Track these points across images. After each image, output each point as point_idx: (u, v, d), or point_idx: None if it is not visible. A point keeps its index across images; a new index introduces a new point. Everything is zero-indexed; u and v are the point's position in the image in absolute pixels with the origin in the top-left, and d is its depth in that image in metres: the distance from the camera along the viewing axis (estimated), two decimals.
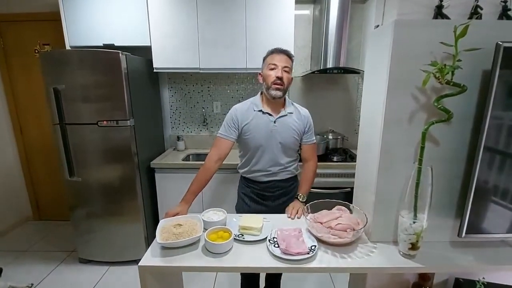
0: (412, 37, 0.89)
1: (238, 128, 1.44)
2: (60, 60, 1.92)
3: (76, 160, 2.06)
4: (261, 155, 1.46)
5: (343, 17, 2.19)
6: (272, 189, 1.52)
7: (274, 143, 1.44)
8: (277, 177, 1.50)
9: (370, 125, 1.07)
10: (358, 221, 1.07)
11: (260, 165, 1.48)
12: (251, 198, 1.55)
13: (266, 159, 1.46)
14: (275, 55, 1.39)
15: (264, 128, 1.43)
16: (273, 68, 1.37)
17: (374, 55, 1.04)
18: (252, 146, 1.45)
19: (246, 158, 1.51)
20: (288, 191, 1.56)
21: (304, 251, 0.96)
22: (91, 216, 2.17)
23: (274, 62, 1.37)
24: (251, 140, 1.44)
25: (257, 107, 1.45)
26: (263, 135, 1.43)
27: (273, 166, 1.48)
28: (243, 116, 1.44)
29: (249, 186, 1.55)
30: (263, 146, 1.44)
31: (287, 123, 1.45)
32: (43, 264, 2.29)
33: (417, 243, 0.94)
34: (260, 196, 1.54)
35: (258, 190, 1.53)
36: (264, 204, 1.54)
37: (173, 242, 0.96)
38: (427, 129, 0.88)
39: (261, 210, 1.51)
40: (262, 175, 1.49)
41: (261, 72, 1.46)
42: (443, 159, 0.97)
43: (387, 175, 1.00)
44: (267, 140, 1.43)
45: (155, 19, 2.17)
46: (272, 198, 1.54)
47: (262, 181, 1.50)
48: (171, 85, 2.65)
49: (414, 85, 0.93)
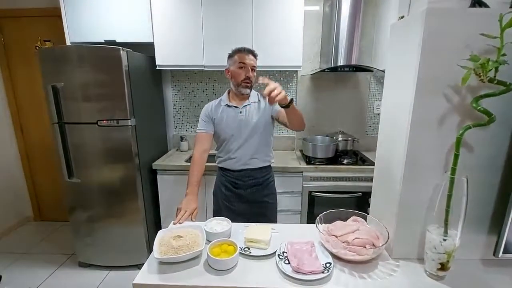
0: (446, 28, 0.78)
1: (212, 122, 1.57)
2: (59, 57, 1.84)
3: (75, 161, 1.98)
4: (232, 143, 1.56)
5: (355, 13, 2.07)
6: (244, 178, 1.60)
7: (244, 131, 1.54)
8: (249, 166, 1.58)
9: (392, 128, 0.96)
10: (377, 235, 0.96)
11: (231, 153, 1.57)
12: (226, 187, 1.64)
13: (236, 146, 1.56)
14: (243, 54, 1.49)
15: (232, 119, 1.55)
16: (242, 67, 1.48)
17: (398, 50, 0.93)
18: (223, 137, 1.57)
19: (220, 148, 1.63)
20: (261, 181, 1.63)
21: (318, 270, 0.85)
22: (91, 219, 2.09)
23: (243, 61, 1.47)
24: (221, 131, 1.56)
25: (224, 102, 1.58)
26: (232, 126, 1.54)
27: (244, 152, 1.56)
28: (213, 111, 1.58)
29: (224, 175, 1.64)
30: (234, 136, 1.55)
31: (252, 109, 1.57)
32: (42, 268, 2.23)
33: (448, 263, 0.83)
34: (233, 184, 1.62)
35: (232, 178, 1.62)
36: (236, 192, 1.62)
37: (172, 257, 0.86)
38: (462, 134, 0.76)
39: (233, 196, 1.62)
40: (234, 163, 1.58)
41: (228, 68, 1.54)
42: (476, 167, 0.86)
43: (413, 184, 0.89)
44: (236, 129, 1.54)
45: (158, 15, 2.08)
46: (244, 187, 1.61)
47: (235, 170, 1.59)
48: (174, 83, 2.56)
49: (446, 83, 0.81)
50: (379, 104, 2.50)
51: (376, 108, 2.51)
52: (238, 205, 1.62)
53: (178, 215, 1.25)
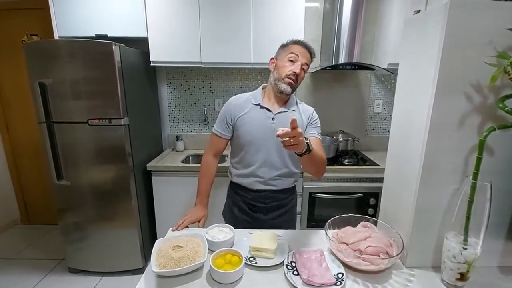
0: (470, 23, 0.72)
1: (232, 122, 1.25)
2: (47, 52, 1.73)
3: (64, 162, 1.88)
4: (254, 154, 1.24)
5: (357, 9, 2.02)
6: (265, 199, 1.29)
7: (270, 142, 1.22)
8: (272, 186, 1.28)
9: (407, 128, 0.91)
10: (390, 242, 0.91)
11: (253, 167, 1.25)
12: (240, 208, 1.33)
13: (260, 160, 1.24)
14: (299, 47, 1.19)
15: (260, 123, 1.22)
16: (293, 60, 1.18)
17: (414, 46, 0.87)
18: (244, 143, 1.24)
19: (237, 158, 1.29)
20: (285, 203, 1.33)
21: (331, 282, 0.80)
22: (82, 223, 1.99)
23: (296, 53, 1.18)
24: (242, 134, 1.23)
25: (256, 100, 1.26)
26: (257, 131, 1.22)
27: (269, 170, 1.25)
28: (237, 108, 1.25)
29: (239, 193, 1.33)
30: (256, 145, 1.23)
31: (287, 120, 1.17)
32: (30, 274, 2.12)
33: (468, 273, 0.78)
34: (250, 206, 1.31)
35: (249, 199, 1.30)
36: (254, 216, 1.31)
37: (171, 270, 0.79)
38: (486, 136, 0.71)
39: (249, 222, 1.31)
40: (255, 181, 1.26)
41: (275, 57, 1.25)
42: (496, 171, 0.81)
43: (430, 188, 0.83)
44: (262, 137, 1.22)
45: (152, 8, 1.98)
46: (264, 211, 1.30)
47: (255, 189, 1.28)
48: (169, 81, 2.47)
49: (467, 81, 0.76)
50: (380, 103, 2.46)
51: (376, 107, 2.47)
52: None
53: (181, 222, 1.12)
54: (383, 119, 2.51)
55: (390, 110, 2.48)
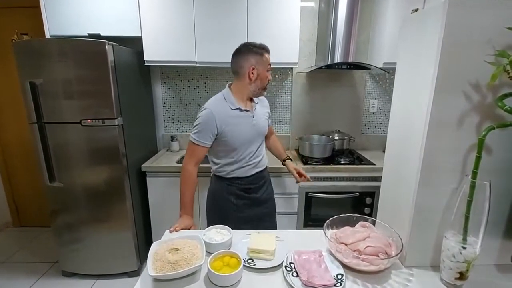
0: (468, 21, 0.72)
1: (217, 133, 1.32)
2: (38, 51, 1.69)
3: (57, 164, 1.84)
4: (246, 149, 1.40)
5: (353, 9, 2.02)
6: (257, 180, 1.49)
7: (256, 136, 1.43)
8: (259, 168, 1.49)
9: (405, 128, 0.90)
10: (389, 242, 0.91)
11: (245, 160, 1.41)
12: (237, 195, 1.46)
13: (250, 153, 1.42)
14: (269, 55, 1.35)
15: (246, 126, 1.38)
16: (269, 70, 1.37)
17: (412, 45, 0.87)
18: (235, 146, 1.37)
19: (229, 158, 1.40)
20: (266, 178, 1.58)
21: (330, 283, 0.79)
22: (76, 225, 1.95)
23: (270, 63, 1.36)
24: (233, 139, 1.35)
25: (234, 105, 1.35)
26: (246, 133, 1.38)
27: (256, 157, 1.46)
28: (220, 118, 1.31)
29: (233, 184, 1.45)
30: (247, 142, 1.39)
31: (260, 113, 1.45)
32: (22, 278, 2.07)
33: (467, 272, 0.78)
34: (245, 190, 1.47)
35: (244, 184, 1.45)
36: (250, 197, 1.48)
37: (169, 274, 0.77)
38: (485, 135, 0.71)
39: (247, 204, 1.48)
40: (249, 169, 1.44)
41: (255, 67, 1.31)
42: (495, 170, 0.81)
43: (429, 188, 0.83)
44: (250, 136, 1.40)
45: (146, 7, 1.95)
46: (256, 190, 1.50)
47: (248, 175, 1.45)
48: (164, 80, 2.44)
49: (466, 80, 0.76)
50: (375, 102, 2.47)
51: (372, 106, 2.48)
52: (249, 211, 1.48)
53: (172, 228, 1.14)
54: (378, 118, 2.52)
55: (386, 110, 2.49)
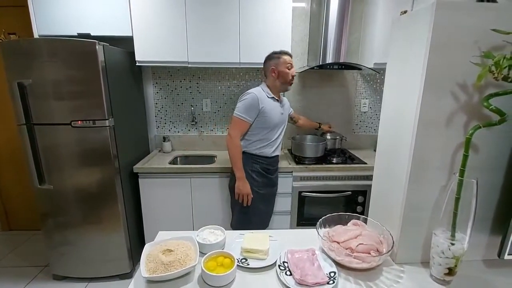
0: (455, 23, 0.74)
1: (259, 111, 1.66)
2: (26, 51, 1.66)
3: (46, 166, 1.81)
4: (276, 131, 1.76)
5: (344, 10, 2.04)
6: (275, 163, 1.86)
7: (282, 122, 1.80)
8: (277, 152, 1.83)
9: (395, 127, 0.92)
10: (380, 240, 0.92)
11: (273, 140, 1.76)
12: (259, 173, 1.77)
13: (275, 135, 1.77)
14: (289, 57, 1.72)
15: (276, 111, 1.74)
16: (290, 68, 1.70)
17: (402, 46, 0.89)
18: (269, 125, 1.71)
19: (259, 136, 1.73)
20: (277, 165, 1.92)
21: (323, 281, 0.80)
22: (66, 228, 1.92)
23: (290, 62, 1.71)
24: (268, 120, 1.69)
25: (270, 95, 1.73)
26: (276, 117, 1.73)
27: (278, 139, 1.81)
28: (262, 101, 1.67)
29: (257, 161, 1.76)
30: (277, 125, 1.75)
31: (285, 106, 1.87)
32: (11, 282, 2.03)
33: (456, 268, 0.80)
34: (265, 170, 1.79)
35: (265, 164, 1.78)
36: (268, 177, 1.81)
37: (162, 275, 0.77)
38: (472, 134, 0.73)
39: (264, 182, 1.80)
40: (272, 150, 1.77)
41: (274, 67, 1.69)
42: (480, 168, 0.83)
43: (419, 185, 0.85)
44: (278, 120, 1.75)
45: (137, 6, 1.93)
46: (272, 172, 1.85)
47: (270, 156, 1.78)
48: (155, 81, 2.42)
49: (454, 80, 0.78)
50: (366, 102, 2.50)
51: (363, 106, 2.51)
52: (264, 190, 1.79)
53: (242, 199, 1.69)
54: (369, 118, 2.55)
55: (376, 109, 2.53)
